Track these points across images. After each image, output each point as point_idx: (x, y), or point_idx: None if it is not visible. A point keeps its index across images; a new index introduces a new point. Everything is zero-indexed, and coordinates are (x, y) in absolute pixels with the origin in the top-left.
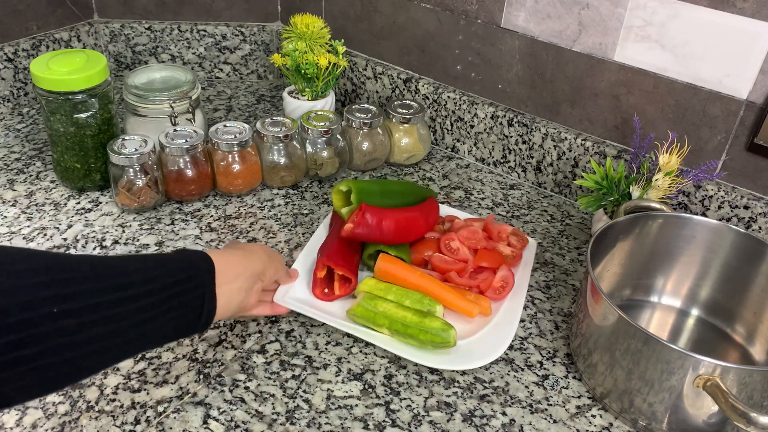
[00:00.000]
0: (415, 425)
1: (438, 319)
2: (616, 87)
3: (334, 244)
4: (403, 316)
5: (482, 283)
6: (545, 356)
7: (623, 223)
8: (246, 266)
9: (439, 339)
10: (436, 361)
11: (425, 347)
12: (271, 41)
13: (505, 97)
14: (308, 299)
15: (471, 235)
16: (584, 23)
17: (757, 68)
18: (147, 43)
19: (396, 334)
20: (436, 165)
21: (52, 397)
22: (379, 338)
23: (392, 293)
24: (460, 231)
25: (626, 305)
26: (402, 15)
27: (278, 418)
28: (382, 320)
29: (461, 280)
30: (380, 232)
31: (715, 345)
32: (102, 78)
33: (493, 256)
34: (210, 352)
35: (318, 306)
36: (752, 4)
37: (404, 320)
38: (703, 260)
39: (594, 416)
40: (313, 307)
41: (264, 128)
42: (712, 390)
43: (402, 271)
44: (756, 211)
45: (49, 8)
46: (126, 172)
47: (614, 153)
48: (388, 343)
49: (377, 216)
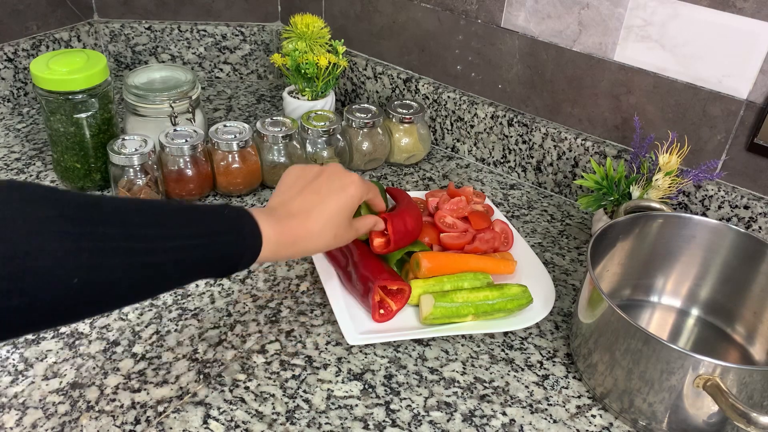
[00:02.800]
0: (415, 425)
1: (513, 285)
2: (616, 87)
3: (371, 264)
4: (484, 296)
5: (494, 241)
6: (545, 356)
7: (623, 223)
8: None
9: (524, 300)
10: (524, 321)
11: (513, 314)
12: (271, 41)
13: (505, 97)
14: (377, 327)
15: (456, 206)
16: (584, 23)
17: (757, 68)
18: (147, 43)
19: (483, 315)
20: (436, 165)
21: (52, 397)
22: (468, 327)
23: (448, 283)
24: (443, 207)
25: (626, 305)
26: (402, 15)
27: (278, 418)
28: (466, 310)
29: (484, 246)
30: (408, 233)
31: (715, 345)
32: (102, 78)
33: (482, 216)
34: (210, 352)
35: (386, 329)
36: (752, 4)
37: (487, 299)
38: (703, 260)
39: (594, 416)
40: (389, 331)
41: (264, 128)
42: (712, 390)
43: (445, 260)
44: (756, 211)
45: (49, 8)
46: (126, 172)
47: (614, 153)
48: (479, 327)
49: (401, 221)
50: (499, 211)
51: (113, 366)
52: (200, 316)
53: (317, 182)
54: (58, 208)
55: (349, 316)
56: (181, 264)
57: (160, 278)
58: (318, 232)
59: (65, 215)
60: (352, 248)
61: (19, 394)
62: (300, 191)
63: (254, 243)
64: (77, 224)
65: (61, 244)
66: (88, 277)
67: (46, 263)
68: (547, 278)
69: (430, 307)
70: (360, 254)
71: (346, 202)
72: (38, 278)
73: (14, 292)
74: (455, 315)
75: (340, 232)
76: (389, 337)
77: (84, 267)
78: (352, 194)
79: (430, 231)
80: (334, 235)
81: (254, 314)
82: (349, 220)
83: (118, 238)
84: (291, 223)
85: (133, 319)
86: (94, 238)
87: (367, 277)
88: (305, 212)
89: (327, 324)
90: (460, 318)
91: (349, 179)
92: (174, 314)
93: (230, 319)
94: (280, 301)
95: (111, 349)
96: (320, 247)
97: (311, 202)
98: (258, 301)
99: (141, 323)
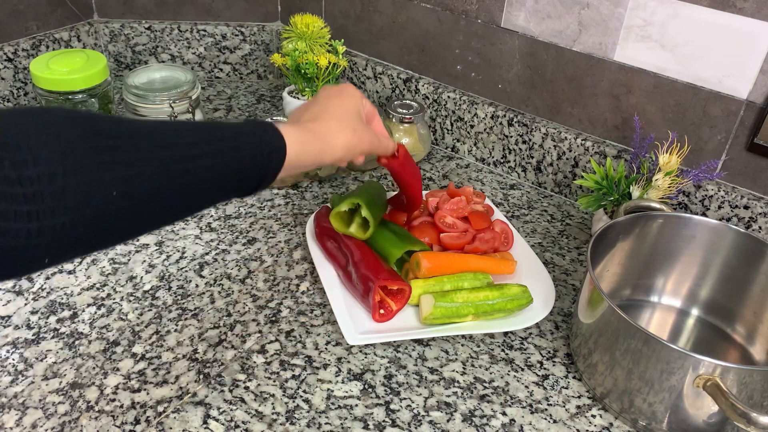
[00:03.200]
0: (415, 425)
1: (512, 285)
2: (616, 87)
3: (371, 264)
4: (484, 296)
5: (494, 241)
6: (545, 356)
7: (623, 223)
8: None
9: (524, 300)
10: (525, 321)
11: (512, 314)
12: (271, 41)
13: (505, 96)
14: (377, 327)
15: (456, 206)
16: (584, 23)
17: (757, 68)
18: (147, 43)
19: (483, 315)
20: (436, 165)
21: (52, 397)
22: (468, 327)
23: (448, 284)
24: (443, 207)
25: (626, 305)
26: (402, 15)
27: (278, 418)
28: (466, 310)
29: (484, 246)
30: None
31: (715, 345)
32: (102, 78)
33: (482, 216)
34: (210, 352)
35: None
36: (752, 4)
37: (487, 299)
38: (703, 260)
39: (594, 416)
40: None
41: None
42: (712, 390)
43: (445, 260)
44: (756, 211)
45: (49, 8)
46: None
47: (614, 153)
48: (479, 327)
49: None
50: (499, 211)
51: (113, 366)
52: (200, 316)
53: (318, 98)
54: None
55: (349, 316)
56: (213, 169)
57: (195, 186)
58: (336, 126)
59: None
60: (353, 248)
61: (19, 394)
62: (306, 109)
63: (279, 143)
64: (108, 139)
65: (94, 160)
66: (126, 188)
67: (84, 179)
68: (547, 278)
69: (430, 307)
70: (360, 254)
71: (349, 99)
72: (79, 194)
73: (58, 209)
74: (455, 315)
75: (359, 127)
76: (389, 338)
77: (120, 179)
78: (351, 92)
79: (430, 231)
80: (353, 129)
81: (254, 314)
82: (361, 116)
83: (149, 148)
84: (308, 124)
85: (133, 319)
86: (126, 150)
87: (367, 276)
88: (318, 116)
89: (327, 324)
90: (460, 318)
91: (342, 87)
92: (174, 314)
93: (230, 319)
94: (280, 301)
95: (111, 349)
96: (343, 142)
97: (320, 109)
98: (258, 301)
99: (141, 323)
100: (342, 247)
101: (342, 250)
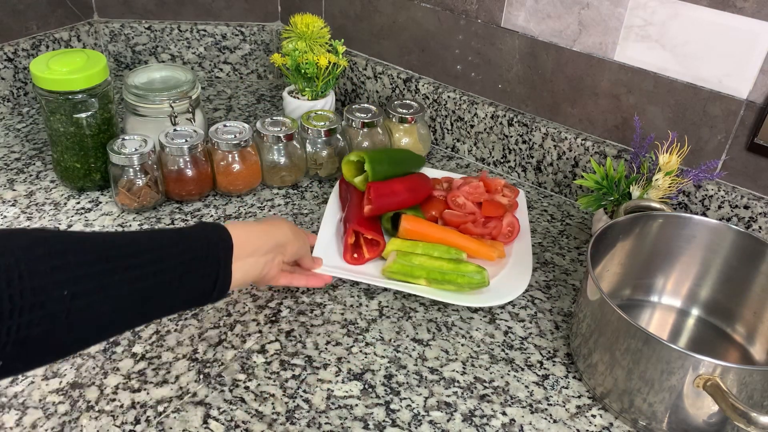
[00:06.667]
0: (415, 425)
1: (471, 264)
2: (616, 87)
3: (356, 212)
4: (439, 265)
5: (493, 230)
6: (545, 356)
7: (623, 223)
8: (266, 240)
9: (476, 280)
10: (474, 301)
11: (462, 290)
12: (271, 41)
13: (505, 96)
14: (341, 265)
15: (473, 190)
16: (584, 23)
17: (757, 68)
18: (147, 42)
19: (434, 282)
20: (436, 165)
21: (52, 397)
22: (418, 289)
23: (420, 248)
24: (461, 188)
25: (626, 305)
26: (402, 15)
27: (278, 418)
28: (419, 272)
29: (477, 230)
30: (395, 198)
31: (715, 345)
32: (102, 78)
33: (496, 205)
34: (210, 352)
35: (351, 270)
36: (752, 4)
37: (441, 269)
38: (703, 260)
39: (594, 416)
40: (348, 271)
41: (264, 128)
42: (712, 390)
43: (425, 227)
44: (756, 211)
45: (49, 8)
46: (126, 172)
47: (614, 153)
48: (427, 291)
49: (386, 187)
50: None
51: (113, 366)
52: (200, 316)
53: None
54: (37, 236)
55: (324, 249)
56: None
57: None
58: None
59: (44, 239)
60: (352, 196)
61: (19, 394)
62: None
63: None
64: (57, 244)
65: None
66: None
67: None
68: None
69: (390, 261)
70: (354, 201)
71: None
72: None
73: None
74: (409, 275)
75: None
76: (348, 276)
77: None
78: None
79: (439, 205)
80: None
81: (254, 314)
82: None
83: (93, 250)
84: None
85: None
86: (74, 253)
87: (348, 220)
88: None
89: (327, 324)
90: (414, 279)
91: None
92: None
93: (230, 319)
94: (280, 301)
95: (111, 349)
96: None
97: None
98: (258, 301)
99: None
100: (349, 194)
101: (346, 196)
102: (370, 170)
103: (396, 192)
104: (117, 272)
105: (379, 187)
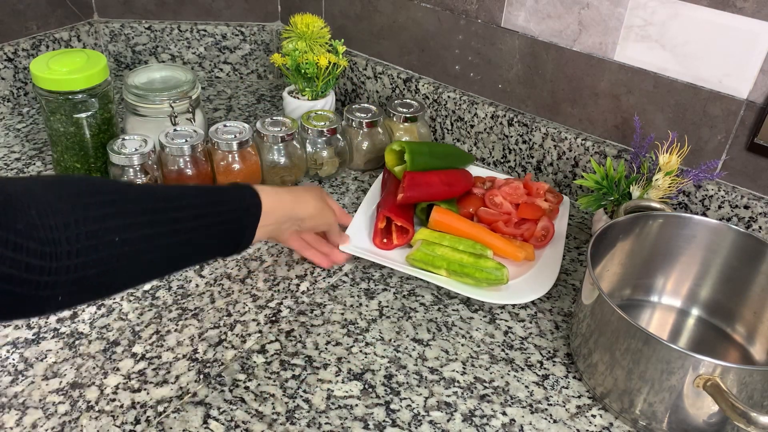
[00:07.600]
0: (415, 425)
1: (492, 260)
2: (616, 87)
3: (391, 199)
4: (460, 257)
5: (525, 232)
6: (545, 356)
7: (623, 223)
8: (288, 211)
9: (494, 277)
10: (491, 297)
11: (480, 285)
12: (271, 41)
13: (505, 96)
14: (369, 248)
15: (512, 191)
16: (584, 23)
17: (757, 68)
18: (147, 42)
19: (453, 274)
20: None
21: (52, 397)
22: (438, 279)
23: (447, 240)
24: (501, 188)
25: (626, 305)
26: (402, 15)
27: (278, 418)
28: (440, 262)
29: (507, 230)
30: (429, 190)
31: (715, 345)
32: (102, 78)
33: (534, 209)
34: (210, 352)
35: (378, 254)
36: (752, 4)
37: (461, 261)
38: (703, 260)
39: (594, 416)
40: (374, 254)
41: (264, 128)
42: (712, 390)
43: (454, 221)
44: (756, 211)
45: (49, 8)
46: (126, 172)
47: (614, 153)
48: (445, 282)
49: (422, 177)
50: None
51: (113, 366)
52: (200, 316)
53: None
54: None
55: (356, 230)
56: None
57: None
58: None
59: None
60: (390, 183)
61: (19, 394)
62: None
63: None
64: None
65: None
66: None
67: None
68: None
69: (415, 248)
70: (390, 188)
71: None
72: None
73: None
74: (431, 264)
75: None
76: (373, 258)
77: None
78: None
79: (476, 202)
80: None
81: (254, 314)
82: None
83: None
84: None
85: (133, 319)
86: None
87: (381, 205)
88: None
89: (327, 324)
90: (435, 269)
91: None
92: (174, 314)
93: (230, 319)
94: (280, 301)
95: (111, 349)
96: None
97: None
98: (258, 301)
99: (141, 323)
100: (389, 182)
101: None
102: (410, 160)
103: (430, 183)
104: (163, 223)
105: (414, 176)
